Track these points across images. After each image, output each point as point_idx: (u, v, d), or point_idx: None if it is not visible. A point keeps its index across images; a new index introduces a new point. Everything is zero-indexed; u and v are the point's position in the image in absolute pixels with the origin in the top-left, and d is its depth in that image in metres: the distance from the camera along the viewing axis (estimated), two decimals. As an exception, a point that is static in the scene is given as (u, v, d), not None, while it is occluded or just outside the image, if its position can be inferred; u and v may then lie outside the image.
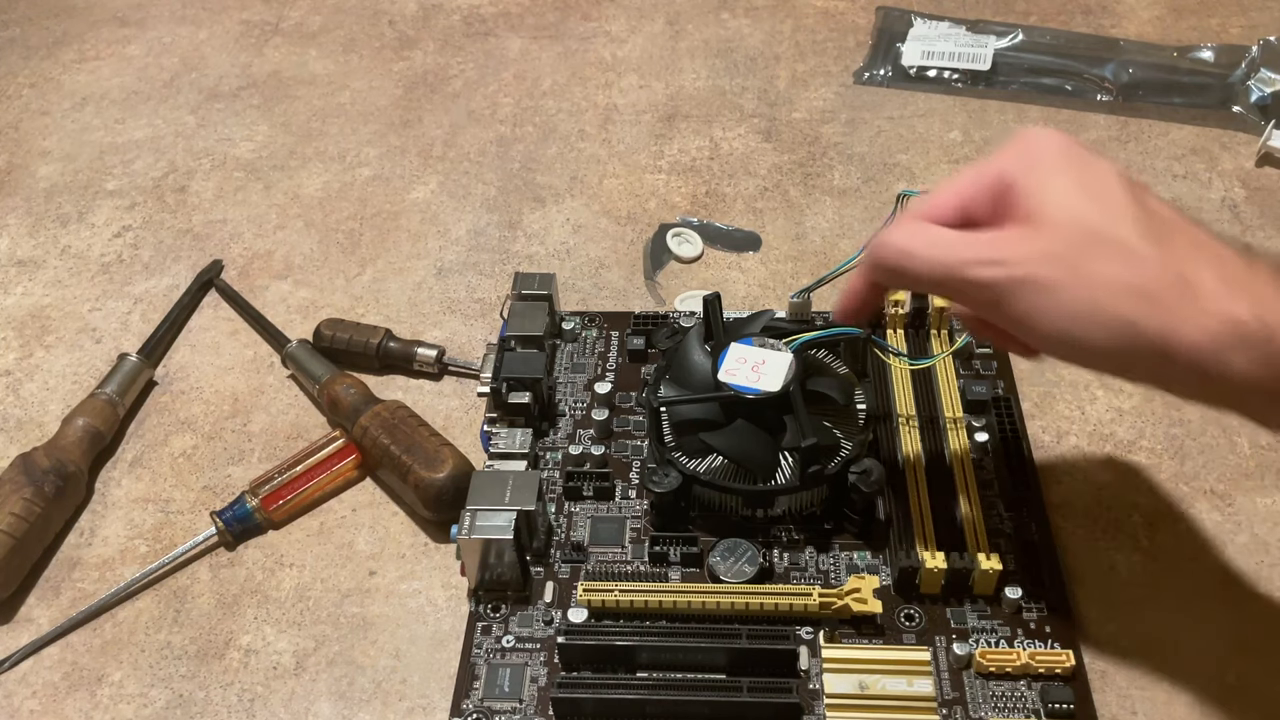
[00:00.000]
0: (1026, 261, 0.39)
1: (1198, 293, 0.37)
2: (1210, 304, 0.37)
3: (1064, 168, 0.41)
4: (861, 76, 0.83)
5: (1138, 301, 0.38)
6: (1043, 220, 0.40)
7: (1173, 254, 0.38)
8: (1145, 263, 0.38)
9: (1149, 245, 0.38)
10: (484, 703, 0.47)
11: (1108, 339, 0.39)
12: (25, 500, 0.54)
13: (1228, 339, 0.37)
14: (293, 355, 0.62)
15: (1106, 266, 0.38)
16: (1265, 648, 0.50)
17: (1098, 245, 0.39)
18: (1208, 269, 0.38)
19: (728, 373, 0.51)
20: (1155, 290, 0.38)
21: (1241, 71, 0.80)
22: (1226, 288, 0.37)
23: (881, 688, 0.46)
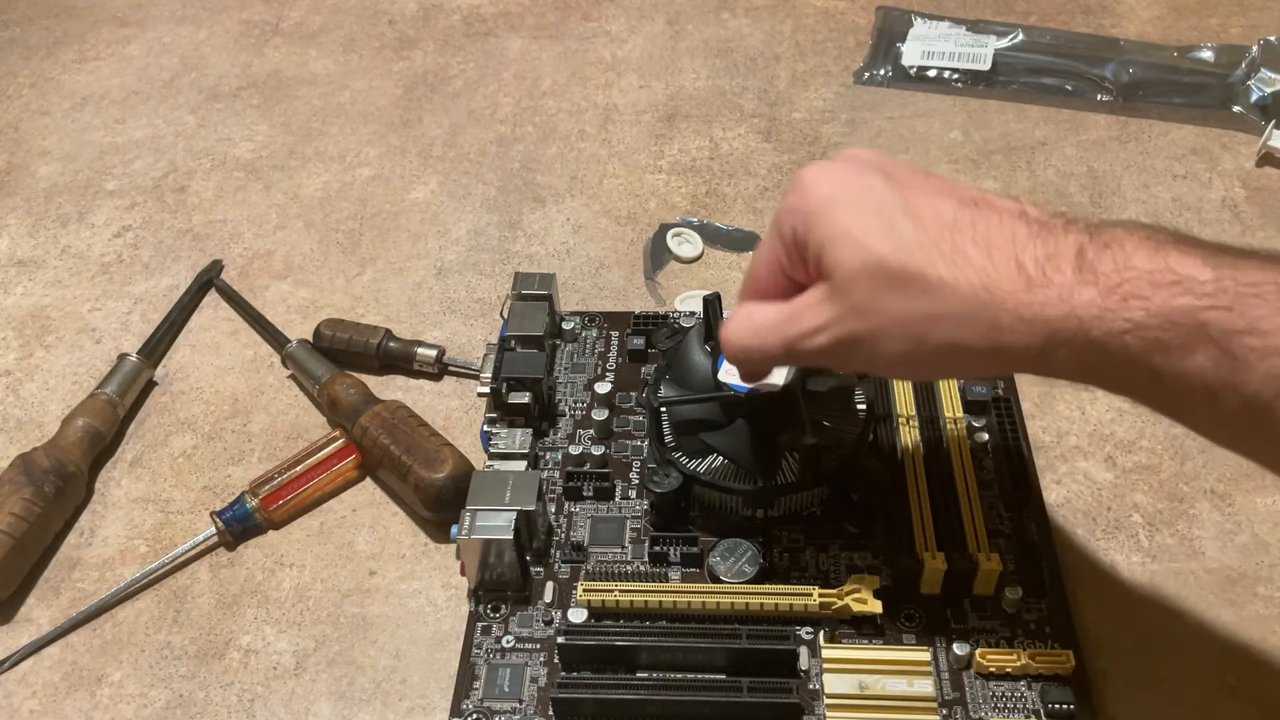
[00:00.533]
0: (838, 322, 0.40)
1: (1003, 301, 0.37)
2: (1018, 310, 0.37)
3: (839, 206, 0.40)
4: (861, 76, 0.83)
5: (953, 327, 0.38)
6: (835, 276, 0.40)
7: (965, 266, 0.38)
8: (943, 289, 0.38)
9: (941, 267, 0.38)
10: (484, 703, 0.47)
11: (945, 363, 0.40)
12: (25, 500, 0.54)
13: (1047, 340, 0.36)
14: (293, 355, 0.62)
15: (910, 303, 0.38)
16: (1265, 648, 0.50)
17: (892, 285, 0.38)
18: (1005, 271, 0.37)
19: (728, 373, 0.51)
20: (963, 312, 0.37)
21: (1242, 71, 0.80)
22: (1027, 288, 0.37)
23: (881, 688, 0.46)
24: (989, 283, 0.37)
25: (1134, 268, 0.35)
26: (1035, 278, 0.37)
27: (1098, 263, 0.36)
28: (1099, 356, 0.36)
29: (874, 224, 0.39)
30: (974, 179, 0.74)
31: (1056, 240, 0.37)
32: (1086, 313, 0.36)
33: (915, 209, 0.39)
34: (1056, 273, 0.36)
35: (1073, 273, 0.36)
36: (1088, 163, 0.75)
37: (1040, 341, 0.37)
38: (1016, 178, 0.74)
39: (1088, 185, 0.73)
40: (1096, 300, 0.35)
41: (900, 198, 0.40)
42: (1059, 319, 0.36)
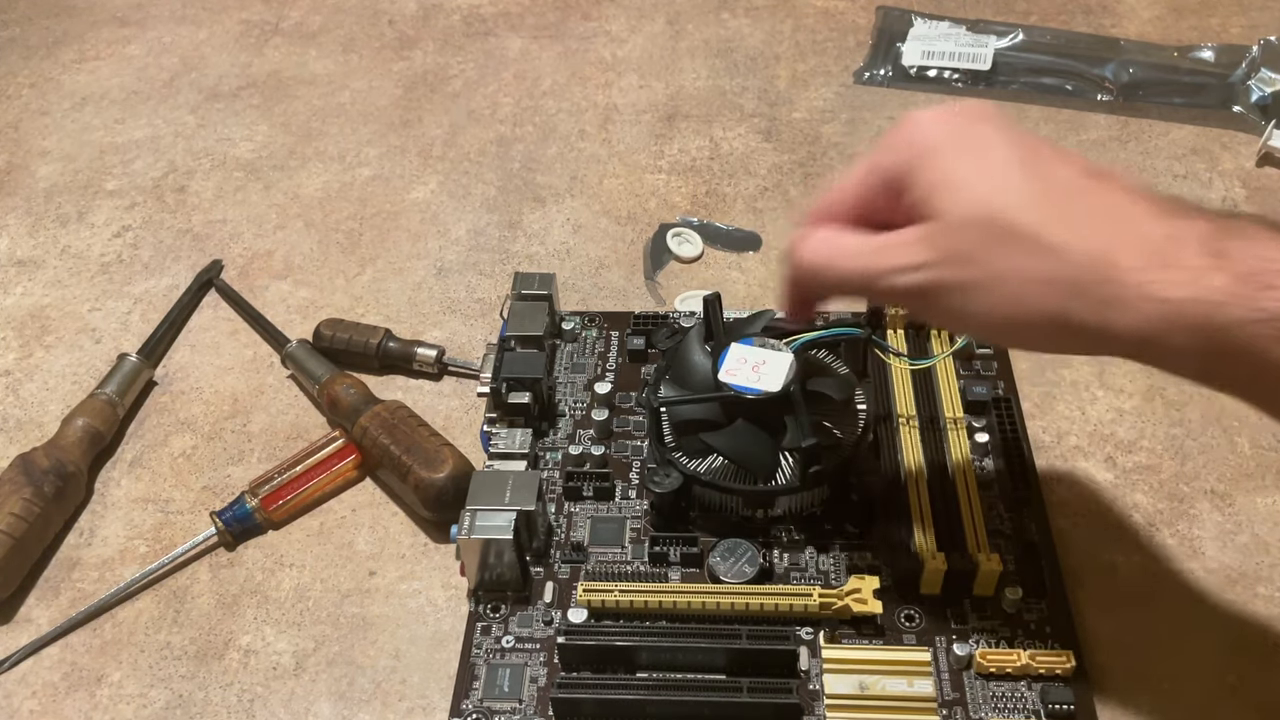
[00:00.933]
0: (937, 264, 0.38)
1: (1123, 277, 0.35)
2: (1140, 288, 0.34)
3: (954, 152, 0.38)
4: (862, 76, 0.83)
5: (1061, 293, 0.36)
6: (943, 217, 0.37)
7: (1087, 235, 0.36)
8: (1059, 252, 0.36)
9: (1060, 230, 0.36)
10: (484, 703, 0.47)
11: (1040, 332, 0.37)
12: (25, 500, 0.54)
13: (1164, 323, 0.34)
14: (293, 355, 0.62)
15: (1021, 261, 0.36)
16: (1265, 648, 0.50)
17: (1005, 239, 0.36)
18: (1129, 245, 0.35)
19: (728, 373, 0.51)
20: (1076, 280, 0.35)
21: (1242, 71, 0.80)
22: (1152, 266, 0.34)
23: (882, 688, 0.46)
24: (1110, 254, 0.35)
25: (1269, 258, 0.33)
26: (1163, 255, 0.34)
27: (1230, 248, 0.34)
28: (1221, 346, 0.34)
29: (993, 175, 0.37)
30: (974, 179, 0.74)
31: (1182, 222, 0.35)
32: (1215, 298, 0.33)
33: (1036, 167, 0.37)
34: (1185, 251, 0.34)
35: (1201, 256, 0.34)
36: (1088, 163, 0.75)
37: (1156, 324, 0.34)
38: (1016, 178, 0.74)
39: (1088, 185, 0.73)
40: (1228, 286, 0.33)
41: (1020, 153, 0.38)
42: (1183, 301, 0.34)
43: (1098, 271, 0.35)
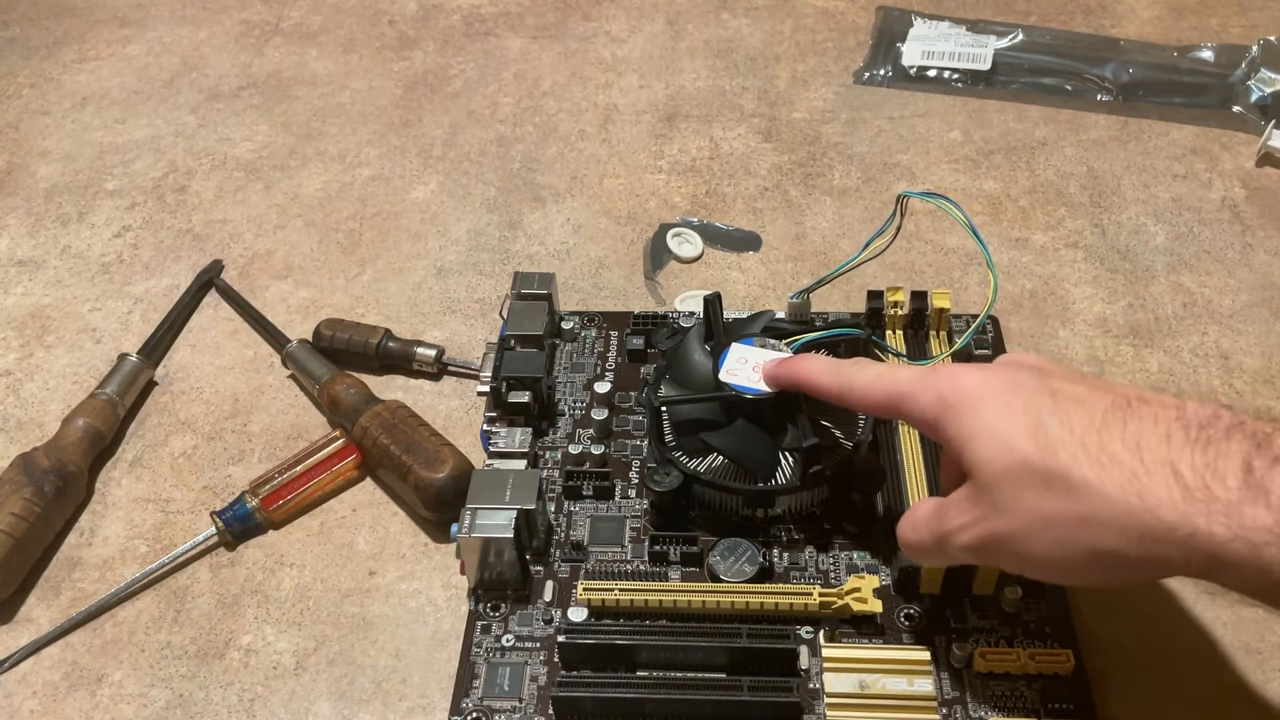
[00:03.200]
0: (981, 521, 0.39)
1: (1156, 509, 0.34)
2: (1179, 522, 0.34)
3: (979, 404, 0.39)
4: (861, 76, 0.83)
5: (1102, 531, 0.36)
6: (977, 474, 0.39)
7: (1113, 468, 0.36)
8: (1089, 490, 0.36)
9: (1085, 466, 0.36)
10: (484, 702, 0.47)
11: (1098, 569, 0.37)
12: (25, 500, 0.54)
13: (1211, 560, 0.34)
14: (293, 355, 0.62)
15: (1055, 505, 0.37)
16: (1265, 648, 0.50)
17: (1039, 484, 0.37)
18: (1158, 474, 0.35)
19: (728, 373, 0.51)
20: (1113, 517, 0.35)
21: (1241, 71, 0.80)
22: (1188, 499, 0.34)
23: (882, 687, 0.46)
24: (1140, 488, 0.35)
25: None
26: (1194, 487, 0.34)
27: (1269, 480, 0.33)
28: (1275, 583, 0.33)
29: (1018, 422, 0.38)
30: (974, 179, 0.74)
31: (1219, 447, 0.34)
32: (1259, 537, 0.33)
33: (1063, 407, 0.38)
34: (1219, 485, 0.34)
35: (1239, 489, 0.33)
36: (1088, 163, 0.75)
37: (1202, 559, 0.34)
38: (1016, 178, 0.74)
39: (1088, 185, 0.73)
40: (1270, 525, 0.32)
41: (1049, 396, 0.38)
42: (1225, 538, 0.33)
43: (1128, 505, 0.35)
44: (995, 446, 0.38)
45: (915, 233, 0.70)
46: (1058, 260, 0.68)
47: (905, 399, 0.43)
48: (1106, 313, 0.65)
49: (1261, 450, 0.34)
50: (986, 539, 0.39)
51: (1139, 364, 0.62)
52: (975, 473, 0.39)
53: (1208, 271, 0.67)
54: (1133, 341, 0.63)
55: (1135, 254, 0.69)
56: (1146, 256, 0.68)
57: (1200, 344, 0.63)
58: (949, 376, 0.41)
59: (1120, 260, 0.68)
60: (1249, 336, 0.63)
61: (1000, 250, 0.69)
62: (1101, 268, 0.68)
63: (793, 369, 0.49)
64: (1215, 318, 0.64)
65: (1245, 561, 0.33)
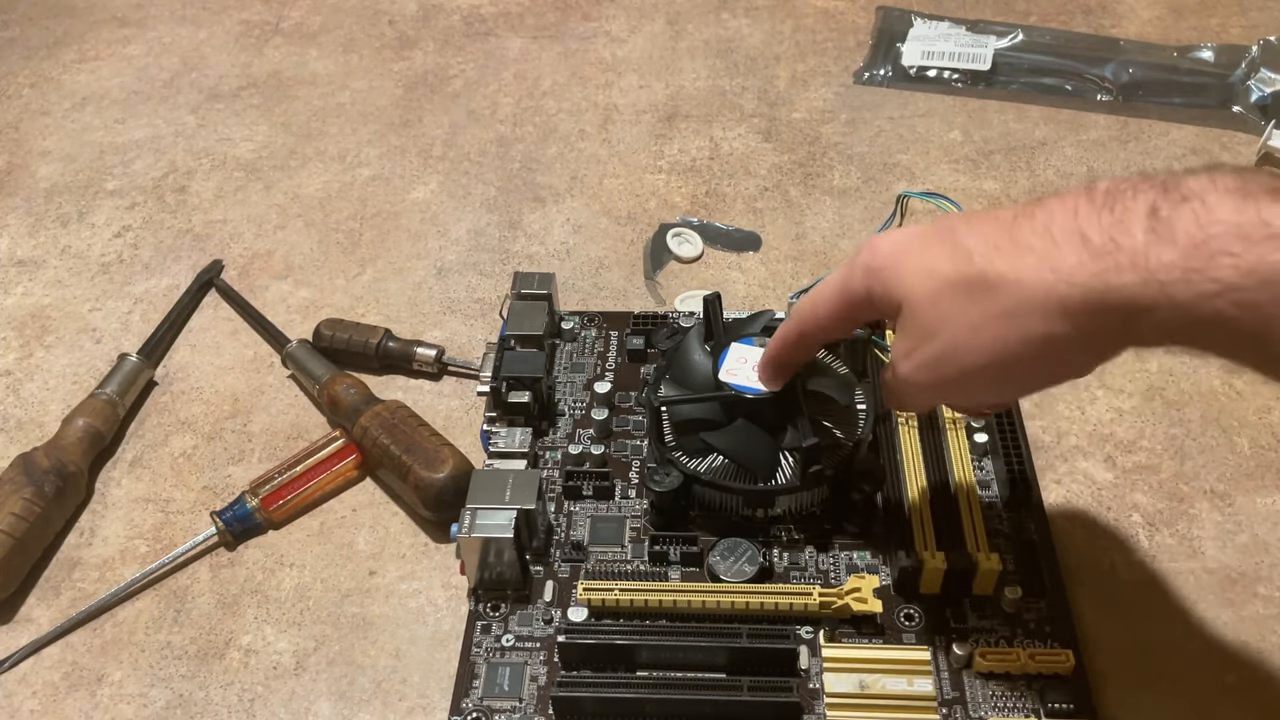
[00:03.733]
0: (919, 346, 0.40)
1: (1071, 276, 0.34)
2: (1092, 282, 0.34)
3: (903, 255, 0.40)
4: (861, 76, 0.83)
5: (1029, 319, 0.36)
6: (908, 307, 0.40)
7: (1027, 254, 0.36)
8: (1006, 283, 0.36)
9: (999, 261, 0.36)
10: (484, 702, 0.47)
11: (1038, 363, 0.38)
12: (25, 500, 0.54)
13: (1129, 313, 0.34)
14: (293, 355, 0.62)
15: (976, 308, 0.37)
16: (1265, 648, 0.50)
17: (961, 294, 0.38)
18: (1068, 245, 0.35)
19: (728, 373, 0.51)
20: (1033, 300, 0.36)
21: (1241, 71, 0.80)
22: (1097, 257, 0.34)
23: (882, 687, 0.46)
24: (1052, 262, 0.35)
25: (1220, 221, 0.32)
26: (1101, 245, 0.34)
27: (1175, 219, 0.32)
28: (1188, 323, 0.33)
29: (935, 250, 0.39)
30: (974, 179, 0.74)
31: (1125, 204, 0.34)
32: (1168, 276, 0.32)
33: (974, 224, 0.38)
34: (1125, 236, 0.33)
35: (1144, 234, 0.33)
36: (1088, 163, 0.75)
37: (1120, 315, 0.34)
38: (1016, 178, 0.74)
39: (1088, 185, 0.73)
40: (1177, 261, 0.32)
41: (961, 221, 0.39)
42: (1135, 285, 0.33)
43: (1044, 283, 0.35)
44: (918, 277, 0.39)
45: (915, 233, 0.70)
46: (1058, 260, 0.68)
47: (842, 293, 0.43)
48: (1106, 313, 0.65)
49: (1168, 194, 0.33)
50: (925, 362, 0.40)
51: (1139, 364, 0.62)
52: (905, 308, 0.40)
53: (1208, 271, 0.67)
54: (1133, 341, 0.63)
55: (1135, 254, 0.68)
56: (1146, 256, 0.68)
57: (1200, 344, 0.63)
58: (868, 248, 0.42)
59: (1120, 260, 0.68)
60: (1249, 336, 0.63)
61: (1000, 250, 0.69)
62: (1101, 268, 0.68)
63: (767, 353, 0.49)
64: (1215, 318, 0.64)
65: (1158, 305, 0.33)
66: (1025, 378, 0.39)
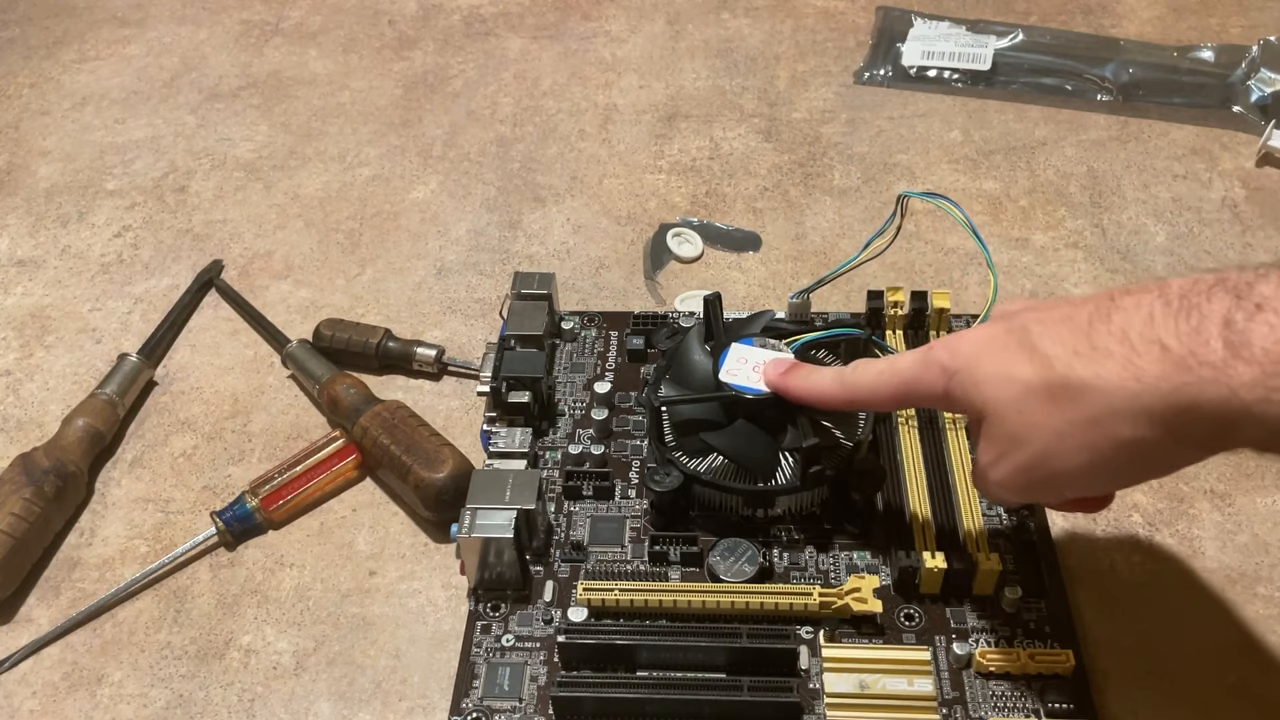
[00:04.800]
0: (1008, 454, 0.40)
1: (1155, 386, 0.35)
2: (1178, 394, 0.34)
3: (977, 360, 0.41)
4: (861, 76, 0.83)
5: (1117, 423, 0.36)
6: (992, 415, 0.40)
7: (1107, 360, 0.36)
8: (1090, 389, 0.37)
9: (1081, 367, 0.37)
10: (484, 702, 0.47)
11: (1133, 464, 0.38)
12: (25, 500, 0.54)
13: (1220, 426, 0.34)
14: (293, 355, 0.62)
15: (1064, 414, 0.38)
16: (1265, 648, 0.50)
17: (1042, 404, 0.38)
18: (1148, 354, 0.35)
19: (728, 373, 0.51)
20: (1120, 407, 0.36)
21: (1241, 71, 0.80)
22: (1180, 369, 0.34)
23: (882, 687, 0.46)
24: (1135, 371, 0.35)
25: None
26: (1182, 356, 0.34)
27: (1251, 332, 0.33)
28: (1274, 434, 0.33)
29: (1014, 356, 0.39)
30: (974, 179, 0.74)
31: (1201, 310, 0.34)
32: (1250, 394, 0.33)
33: (1050, 328, 0.39)
34: (1204, 348, 0.34)
35: (1222, 348, 0.33)
36: (1088, 163, 0.75)
37: (1211, 426, 0.34)
38: (1016, 178, 0.74)
39: (1088, 185, 0.73)
40: (1259, 380, 0.32)
41: (1035, 324, 0.39)
42: (1219, 401, 0.33)
43: (1129, 392, 0.36)
44: (998, 384, 0.40)
45: (915, 233, 0.70)
46: (1058, 260, 0.68)
47: (912, 385, 0.44)
48: (1106, 313, 0.65)
49: (1241, 302, 0.34)
50: (1015, 469, 0.40)
51: (1139, 364, 0.62)
52: (988, 415, 0.40)
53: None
54: (1133, 341, 0.63)
55: (1135, 254, 0.69)
56: (1146, 256, 0.68)
57: (1200, 344, 0.63)
58: (944, 347, 0.42)
59: (1120, 260, 0.68)
60: (1249, 336, 0.63)
61: (1000, 250, 0.69)
62: (1101, 268, 0.68)
63: (797, 385, 0.49)
64: (1215, 318, 0.64)
65: (1244, 420, 0.33)
66: (1119, 477, 0.41)
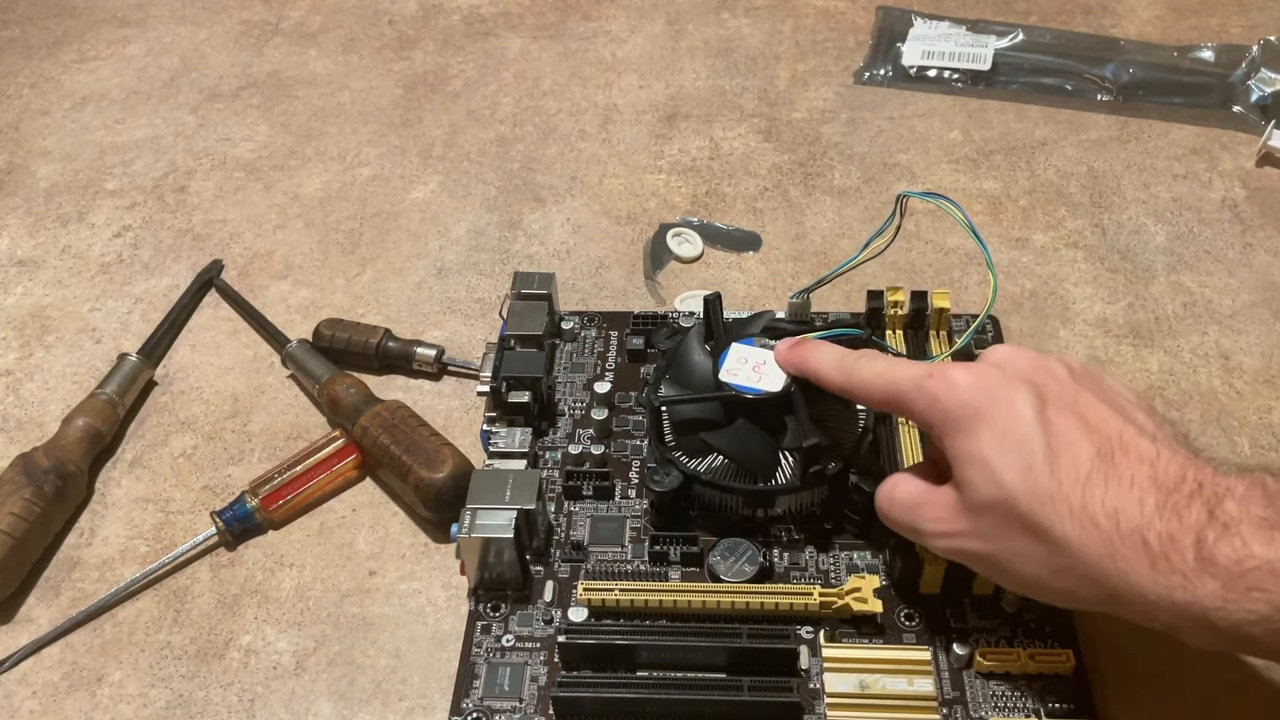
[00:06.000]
0: (964, 535, 0.42)
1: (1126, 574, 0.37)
2: (1145, 587, 0.37)
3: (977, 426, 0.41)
4: (862, 76, 0.83)
5: (1074, 581, 0.39)
6: (969, 492, 0.41)
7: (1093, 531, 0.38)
8: (1068, 548, 0.39)
9: (1067, 524, 0.38)
10: (484, 702, 0.47)
11: (1062, 601, 0.42)
12: (25, 500, 0.54)
13: (1171, 617, 0.37)
14: (293, 355, 0.62)
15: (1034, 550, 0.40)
16: (1265, 647, 0.49)
17: (1020, 528, 0.40)
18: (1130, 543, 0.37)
19: (728, 373, 0.51)
20: (1086, 573, 0.39)
21: (1242, 71, 0.80)
22: (1154, 569, 0.37)
23: (882, 687, 0.46)
24: (1114, 553, 0.38)
25: (1254, 556, 0.35)
26: (1158, 558, 0.37)
27: (1217, 551, 0.36)
28: (1227, 642, 0.36)
29: (1011, 459, 0.40)
30: (974, 179, 0.74)
31: (1180, 517, 0.37)
32: (1211, 603, 0.36)
33: (1055, 454, 0.40)
34: (1178, 557, 0.36)
35: (1194, 560, 0.36)
36: (1088, 163, 0.75)
37: (1165, 618, 0.37)
38: (1016, 178, 0.74)
39: (1088, 185, 0.73)
40: (1219, 592, 0.36)
41: (1042, 436, 0.40)
42: (1184, 604, 0.36)
43: (1101, 569, 0.38)
44: (987, 477, 0.41)
45: (915, 233, 0.70)
46: (1058, 260, 0.68)
47: (903, 400, 0.45)
48: (1107, 313, 0.65)
49: (1214, 519, 0.36)
50: (961, 551, 0.43)
51: (1139, 364, 0.62)
52: (964, 492, 0.42)
53: (1208, 271, 0.67)
54: (1133, 341, 0.63)
55: (1135, 254, 0.69)
56: (1146, 256, 0.68)
57: (1200, 344, 0.63)
58: (946, 387, 0.42)
59: (1120, 260, 0.68)
60: (1249, 336, 0.63)
61: (1000, 250, 0.69)
62: (1102, 268, 0.68)
63: (803, 356, 0.50)
64: (1215, 318, 0.64)
65: (1199, 624, 0.36)
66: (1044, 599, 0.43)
